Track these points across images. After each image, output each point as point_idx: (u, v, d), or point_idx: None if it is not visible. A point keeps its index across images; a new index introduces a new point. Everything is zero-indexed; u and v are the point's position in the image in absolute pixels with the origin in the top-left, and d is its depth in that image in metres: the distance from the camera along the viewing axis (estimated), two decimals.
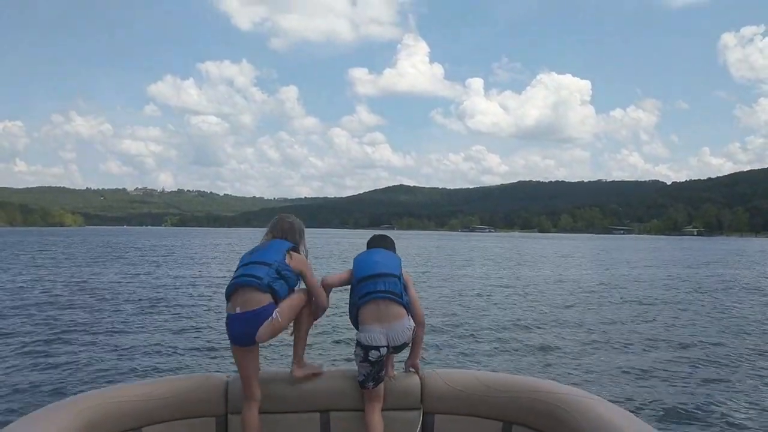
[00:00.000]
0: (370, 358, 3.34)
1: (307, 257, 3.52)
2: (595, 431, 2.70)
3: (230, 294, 3.24)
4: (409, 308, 3.43)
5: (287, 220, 3.60)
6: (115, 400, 2.98)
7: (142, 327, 12.86)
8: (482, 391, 3.29)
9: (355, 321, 3.46)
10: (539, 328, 13.50)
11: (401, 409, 3.39)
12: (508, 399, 3.21)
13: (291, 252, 3.36)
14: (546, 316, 15.24)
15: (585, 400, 2.97)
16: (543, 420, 3.05)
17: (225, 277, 24.95)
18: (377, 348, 3.34)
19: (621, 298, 19.54)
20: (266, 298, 3.15)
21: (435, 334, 12.34)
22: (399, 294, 3.41)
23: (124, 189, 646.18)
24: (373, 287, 3.40)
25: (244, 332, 3.17)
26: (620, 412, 2.82)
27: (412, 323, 3.41)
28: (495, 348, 11.22)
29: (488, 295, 19.85)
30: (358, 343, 3.39)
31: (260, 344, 3.24)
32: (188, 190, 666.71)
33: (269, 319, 3.14)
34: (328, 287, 3.52)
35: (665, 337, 12.43)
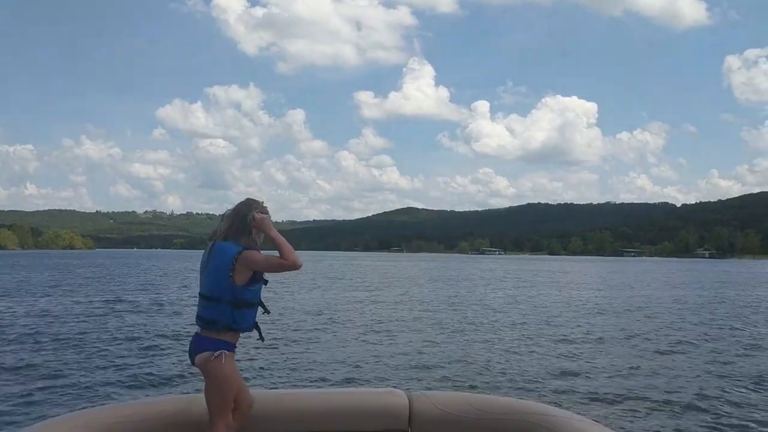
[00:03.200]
0: None
1: (259, 246, 3.25)
2: None
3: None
4: None
5: (252, 206, 3.32)
6: (110, 419, 2.88)
7: (141, 347, 12.85)
8: (472, 414, 3.17)
9: None
10: (534, 350, 13.29)
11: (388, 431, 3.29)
12: (500, 422, 3.10)
13: (236, 262, 3.06)
14: (544, 338, 15.09)
15: (579, 423, 2.87)
16: None
17: None
18: None
19: (628, 320, 19.27)
20: (230, 336, 3.11)
21: (424, 355, 12.29)
22: None
23: (134, 212, 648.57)
24: None
25: (191, 348, 3.18)
26: None
27: None
28: (486, 370, 11.05)
29: (487, 316, 19.86)
30: None
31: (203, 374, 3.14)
32: (197, 213, 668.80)
33: (212, 353, 3.05)
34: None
35: (670, 362, 12.10)
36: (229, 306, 3.03)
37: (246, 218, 3.21)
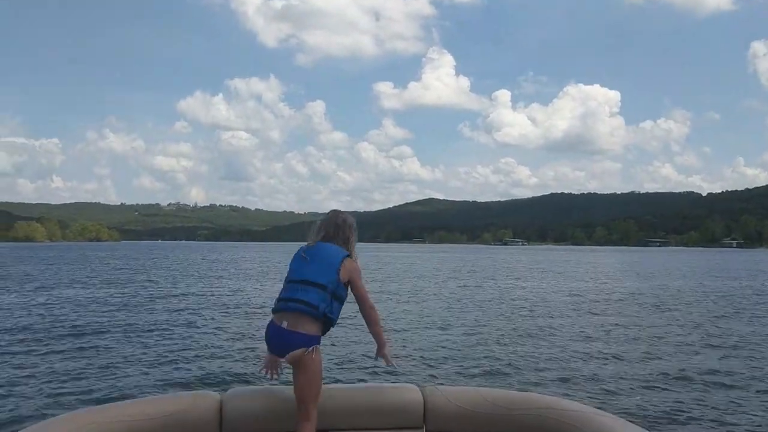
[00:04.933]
0: None
1: (356, 260, 3.42)
2: None
3: (279, 311, 3.23)
4: None
5: (340, 216, 3.53)
6: (106, 419, 2.87)
7: (140, 344, 12.51)
8: (488, 409, 3.11)
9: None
10: (554, 343, 12.88)
11: (403, 428, 3.21)
12: (516, 417, 3.03)
13: (344, 262, 3.27)
14: (562, 330, 14.71)
15: (598, 418, 2.81)
16: None
17: (235, 291, 25.18)
18: None
19: (656, 313, 18.64)
20: (317, 328, 3.17)
21: (438, 349, 11.99)
22: None
23: (158, 204, 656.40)
24: None
25: (279, 343, 3.20)
26: (637, 431, 2.68)
27: None
28: (502, 363, 10.69)
29: (505, 308, 19.43)
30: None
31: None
32: (220, 205, 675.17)
33: (307, 349, 3.13)
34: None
35: (699, 355, 11.60)
36: (330, 296, 3.17)
37: (339, 226, 3.43)
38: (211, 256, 75.05)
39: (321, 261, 3.27)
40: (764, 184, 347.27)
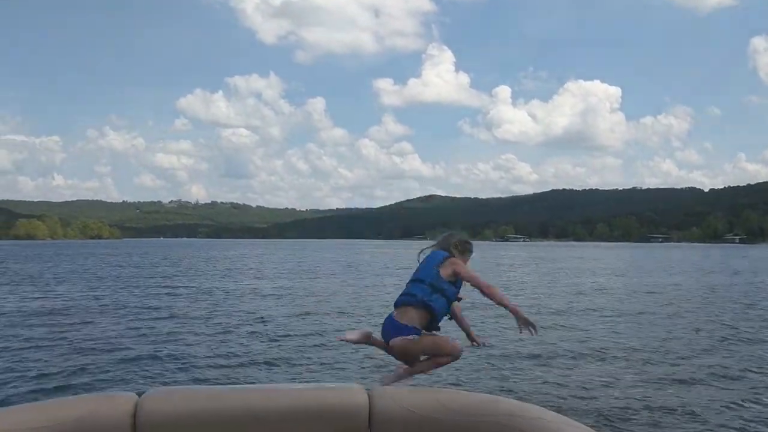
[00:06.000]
0: None
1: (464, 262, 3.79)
2: None
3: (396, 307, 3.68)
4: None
5: (456, 236, 3.95)
6: (4, 426, 2.55)
7: (45, 340, 11.76)
8: (442, 414, 2.83)
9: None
10: (515, 339, 11.72)
11: None
12: (473, 423, 2.77)
13: (445, 260, 3.67)
14: (544, 326, 13.67)
15: (561, 425, 2.66)
16: None
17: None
18: None
19: (648, 310, 18.01)
20: (419, 317, 3.56)
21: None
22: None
23: (159, 201, 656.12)
24: None
25: (386, 331, 3.63)
26: None
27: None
28: (458, 362, 9.82)
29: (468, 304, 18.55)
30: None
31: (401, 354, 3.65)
32: (222, 202, 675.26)
33: (409, 336, 3.51)
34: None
35: (686, 359, 10.78)
36: (429, 288, 3.58)
37: (449, 243, 3.84)
38: (206, 254, 74.82)
39: (425, 262, 3.78)
40: (766, 180, 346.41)
